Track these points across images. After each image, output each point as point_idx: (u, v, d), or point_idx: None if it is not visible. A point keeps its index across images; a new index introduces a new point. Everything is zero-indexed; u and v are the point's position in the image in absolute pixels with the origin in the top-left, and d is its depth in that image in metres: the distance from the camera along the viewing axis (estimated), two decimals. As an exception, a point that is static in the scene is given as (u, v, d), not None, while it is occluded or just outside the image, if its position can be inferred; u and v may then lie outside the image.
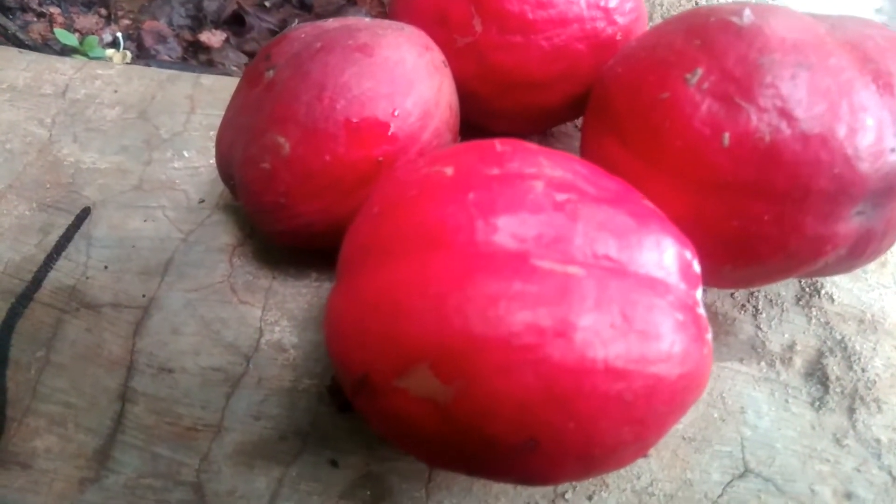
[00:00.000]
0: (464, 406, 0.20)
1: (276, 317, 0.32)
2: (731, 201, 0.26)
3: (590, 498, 0.28)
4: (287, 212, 0.29)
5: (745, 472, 0.29)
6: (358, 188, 0.29)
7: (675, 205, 0.27)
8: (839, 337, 0.33)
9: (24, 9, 0.62)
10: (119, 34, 0.57)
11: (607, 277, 0.22)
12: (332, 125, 0.28)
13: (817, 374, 0.32)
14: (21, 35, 0.54)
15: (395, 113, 0.28)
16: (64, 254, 0.34)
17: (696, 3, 0.49)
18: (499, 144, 0.25)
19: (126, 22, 0.61)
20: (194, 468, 0.28)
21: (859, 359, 0.32)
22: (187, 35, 0.62)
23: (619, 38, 0.34)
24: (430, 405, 0.21)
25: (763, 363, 0.32)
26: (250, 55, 0.61)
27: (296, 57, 0.29)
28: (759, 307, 0.34)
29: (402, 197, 0.24)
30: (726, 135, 0.25)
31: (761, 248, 0.27)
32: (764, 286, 0.34)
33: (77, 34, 0.58)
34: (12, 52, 0.43)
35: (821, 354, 0.32)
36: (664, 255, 0.23)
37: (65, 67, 0.42)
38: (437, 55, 0.31)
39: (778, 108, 0.25)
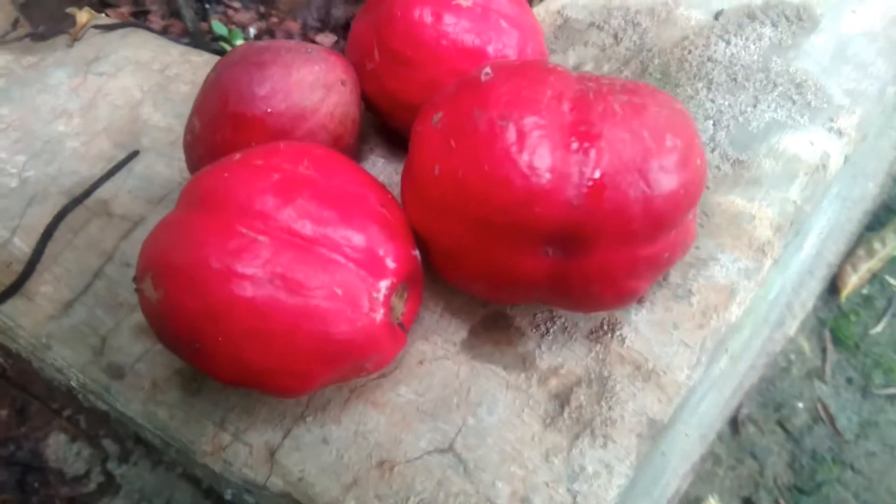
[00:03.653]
0: (161, 308, 0.31)
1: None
2: (444, 221, 0.32)
3: (322, 426, 0.36)
4: (200, 171, 0.41)
5: (447, 450, 0.34)
6: (240, 163, 0.40)
7: (418, 218, 0.34)
8: (606, 374, 0.36)
9: (219, 1, 0.83)
10: (252, 29, 0.75)
11: (288, 248, 0.30)
12: (221, 116, 0.39)
13: (563, 396, 0.35)
14: (189, 24, 0.74)
15: (269, 111, 0.39)
16: (112, 178, 0.51)
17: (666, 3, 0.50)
18: (283, 144, 0.34)
19: (274, 20, 0.79)
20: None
21: (612, 397, 0.35)
22: (312, 35, 0.77)
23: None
24: (150, 303, 0.31)
25: (523, 375, 0.36)
26: (349, 55, 0.74)
27: (223, 66, 0.41)
28: (551, 331, 0.37)
29: (213, 167, 0.35)
30: (437, 167, 0.31)
31: (469, 264, 0.32)
32: (520, 304, 0.38)
33: (234, 27, 0.77)
34: (149, 36, 0.62)
35: (577, 382, 0.35)
36: (352, 246, 0.31)
37: (174, 52, 0.60)
38: (334, 75, 0.41)
39: (481, 152, 0.30)
